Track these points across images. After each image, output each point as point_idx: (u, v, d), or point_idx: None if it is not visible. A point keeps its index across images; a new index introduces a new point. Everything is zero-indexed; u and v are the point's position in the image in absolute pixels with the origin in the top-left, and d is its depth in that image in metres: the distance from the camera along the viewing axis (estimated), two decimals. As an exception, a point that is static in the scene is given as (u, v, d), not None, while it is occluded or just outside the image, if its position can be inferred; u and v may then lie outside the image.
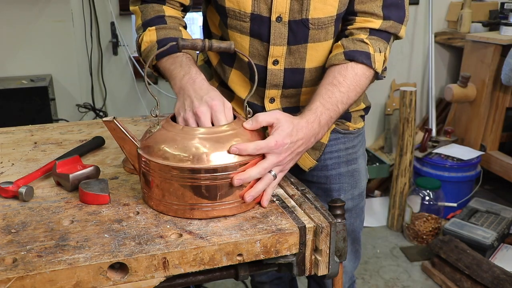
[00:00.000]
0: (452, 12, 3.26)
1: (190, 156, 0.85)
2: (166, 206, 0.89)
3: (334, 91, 1.03)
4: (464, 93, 2.86)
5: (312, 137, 0.98)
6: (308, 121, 0.97)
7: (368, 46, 1.07)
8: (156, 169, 0.87)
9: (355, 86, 1.06)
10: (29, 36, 2.58)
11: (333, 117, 1.03)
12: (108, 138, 1.28)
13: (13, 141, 1.29)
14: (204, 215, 0.88)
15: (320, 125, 0.99)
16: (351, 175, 1.29)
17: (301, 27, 1.09)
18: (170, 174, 0.86)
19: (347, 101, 1.05)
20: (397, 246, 2.63)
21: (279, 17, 1.07)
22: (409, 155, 2.70)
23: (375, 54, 1.07)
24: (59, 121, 2.59)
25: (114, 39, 2.82)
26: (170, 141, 0.87)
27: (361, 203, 1.34)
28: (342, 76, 1.05)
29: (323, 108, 1.00)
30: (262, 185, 0.91)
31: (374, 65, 1.07)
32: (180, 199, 0.87)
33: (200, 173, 0.85)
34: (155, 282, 0.79)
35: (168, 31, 1.08)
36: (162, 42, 1.05)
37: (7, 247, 0.78)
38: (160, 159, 0.86)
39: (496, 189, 3.14)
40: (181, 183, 0.86)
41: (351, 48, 1.07)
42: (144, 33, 1.09)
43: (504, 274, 2.06)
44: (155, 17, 1.10)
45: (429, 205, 2.58)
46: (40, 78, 2.52)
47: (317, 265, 0.88)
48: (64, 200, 0.95)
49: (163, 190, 0.88)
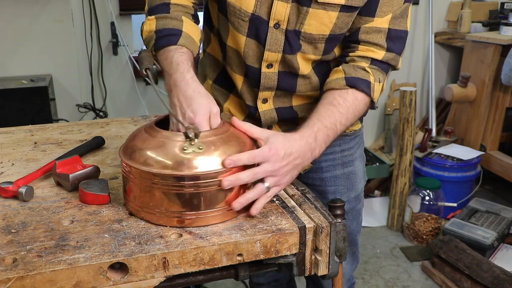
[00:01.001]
0: (452, 12, 3.26)
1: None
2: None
3: (333, 110, 1.03)
4: (464, 93, 2.86)
5: (308, 151, 0.96)
6: (303, 135, 0.96)
7: (369, 75, 1.07)
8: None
9: (354, 110, 1.06)
10: (29, 36, 2.58)
11: (330, 135, 1.01)
12: (108, 138, 1.28)
13: (13, 141, 1.29)
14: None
15: (316, 141, 0.98)
16: (347, 178, 1.28)
17: (293, 36, 1.09)
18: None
19: (345, 123, 1.04)
20: (397, 246, 2.63)
21: (277, 23, 1.07)
22: (409, 155, 2.69)
23: (375, 83, 1.07)
24: (59, 121, 2.59)
25: (114, 39, 2.82)
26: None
27: (358, 205, 1.33)
28: (343, 98, 1.05)
29: (321, 124, 0.99)
30: (252, 194, 0.88)
31: (372, 94, 1.07)
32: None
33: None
34: (155, 282, 0.79)
35: (168, 21, 1.04)
36: (160, 32, 1.03)
37: (7, 247, 0.78)
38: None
39: (496, 189, 3.14)
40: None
41: (353, 74, 1.06)
42: (145, 22, 1.07)
43: (504, 274, 2.06)
44: (160, 4, 1.07)
45: (429, 205, 2.58)
46: (40, 78, 2.52)
47: (317, 265, 0.88)
48: (64, 200, 0.95)
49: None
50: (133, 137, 0.92)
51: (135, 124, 1.43)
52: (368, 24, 1.07)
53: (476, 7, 3.13)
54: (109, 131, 1.37)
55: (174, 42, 1.00)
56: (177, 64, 0.97)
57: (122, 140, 1.28)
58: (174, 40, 1.01)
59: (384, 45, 1.08)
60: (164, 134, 0.88)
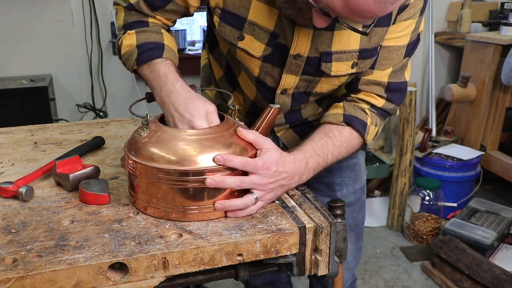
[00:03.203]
0: (452, 12, 3.26)
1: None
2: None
3: (327, 141, 1.04)
4: (464, 93, 2.86)
5: (297, 175, 0.96)
6: (296, 158, 0.96)
7: (367, 117, 1.08)
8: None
9: (347, 145, 1.07)
10: (29, 36, 2.58)
11: (321, 164, 1.01)
12: (108, 138, 1.28)
13: (13, 141, 1.29)
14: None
15: (306, 167, 0.98)
16: (352, 169, 1.30)
17: (302, 95, 1.13)
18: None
19: (337, 156, 1.05)
20: (397, 246, 2.63)
21: (284, 90, 1.10)
22: (409, 155, 2.69)
23: (371, 126, 1.09)
24: (59, 121, 2.59)
25: (114, 39, 2.82)
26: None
27: (363, 197, 1.35)
28: (339, 131, 1.06)
29: (313, 152, 1.00)
30: (239, 203, 0.88)
31: (366, 136, 1.08)
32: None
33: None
34: (155, 282, 0.79)
35: (148, 35, 1.04)
36: (142, 47, 1.03)
37: (7, 247, 0.78)
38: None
39: (496, 189, 3.14)
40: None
41: (352, 113, 1.07)
42: (124, 37, 1.06)
43: (504, 274, 2.05)
44: (137, 21, 1.07)
45: (429, 205, 2.58)
46: (40, 78, 2.53)
47: (317, 265, 0.88)
48: (64, 200, 0.95)
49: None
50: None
51: (135, 124, 1.43)
52: (367, 76, 1.08)
53: (476, 7, 3.13)
54: (109, 131, 1.37)
55: (158, 55, 1.01)
56: (166, 76, 0.98)
57: (122, 140, 1.28)
58: (158, 54, 1.01)
59: (384, 96, 1.10)
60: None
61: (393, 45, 1.05)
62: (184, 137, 0.87)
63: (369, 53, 1.03)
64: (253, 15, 1.00)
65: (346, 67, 1.04)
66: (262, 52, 1.04)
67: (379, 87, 1.09)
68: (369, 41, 1.02)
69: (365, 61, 1.04)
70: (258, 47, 1.04)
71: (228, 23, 1.03)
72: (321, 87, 1.10)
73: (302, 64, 1.04)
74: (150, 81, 1.01)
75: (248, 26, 1.02)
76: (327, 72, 1.04)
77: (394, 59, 1.07)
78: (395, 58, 1.07)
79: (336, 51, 1.02)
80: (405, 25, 1.03)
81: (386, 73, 1.08)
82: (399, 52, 1.06)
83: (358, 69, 1.05)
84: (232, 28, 1.03)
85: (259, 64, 1.07)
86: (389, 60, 1.07)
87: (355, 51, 1.02)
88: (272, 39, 1.02)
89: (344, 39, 1.01)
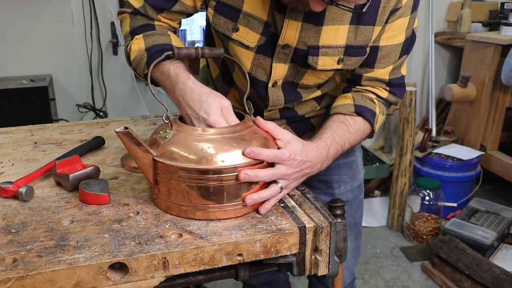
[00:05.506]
0: (452, 12, 3.26)
1: (197, 157, 0.85)
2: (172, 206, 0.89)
3: (344, 129, 1.07)
4: (464, 93, 2.86)
5: (319, 163, 0.98)
6: (319, 146, 0.98)
7: (376, 106, 1.12)
8: (163, 169, 0.87)
9: (361, 133, 1.10)
10: (29, 36, 2.58)
11: (339, 152, 1.04)
12: (108, 138, 1.28)
13: (13, 141, 1.29)
14: (206, 216, 0.88)
15: (328, 155, 1.00)
16: (350, 167, 1.31)
17: (291, 87, 1.14)
18: (177, 175, 0.86)
19: (352, 143, 1.08)
20: (397, 246, 2.63)
21: (275, 82, 1.12)
22: (409, 155, 2.69)
23: (379, 115, 1.12)
24: (59, 121, 2.59)
25: (114, 39, 2.82)
26: (185, 144, 0.87)
27: (361, 195, 1.36)
28: (353, 120, 1.09)
29: (333, 140, 1.02)
30: (267, 194, 0.90)
31: (375, 124, 1.12)
32: (186, 200, 0.87)
33: (208, 173, 0.85)
34: (155, 282, 0.79)
35: (156, 38, 1.05)
36: (151, 49, 1.04)
37: (7, 247, 0.79)
38: (179, 162, 0.86)
39: (496, 189, 3.14)
40: (188, 183, 0.86)
41: (361, 103, 1.10)
42: (132, 42, 1.07)
43: (504, 274, 2.06)
44: (144, 25, 1.07)
45: (429, 205, 2.58)
46: (40, 78, 2.53)
47: (317, 265, 0.88)
48: (64, 200, 0.95)
49: (171, 190, 0.88)
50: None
51: (135, 124, 1.43)
52: (369, 74, 1.12)
53: (476, 7, 3.13)
54: (109, 131, 1.37)
55: (167, 56, 1.01)
56: (176, 75, 0.99)
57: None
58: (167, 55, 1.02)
59: (387, 89, 1.15)
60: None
61: (390, 44, 1.09)
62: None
63: (355, 51, 1.06)
64: (248, 6, 1.03)
65: (332, 62, 1.07)
66: (257, 42, 1.06)
67: (380, 83, 1.14)
68: (355, 38, 1.05)
69: (351, 58, 1.07)
70: (252, 37, 1.05)
71: (222, 14, 1.05)
72: (308, 79, 1.12)
73: (290, 53, 1.07)
74: (163, 82, 1.02)
75: (243, 17, 1.04)
76: (314, 66, 1.07)
77: (393, 57, 1.11)
78: (394, 56, 1.11)
79: (323, 45, 1.05)
80: (399, 24, 1.07)
81: (387, 71, 1.12)
82: (397, 49, 1.10)
83: (344, 66, 1.08)
84: (227, 20, 1.05)
85: (251, 57, 1.08)
86: (388, 58, 1.10)
87: (342, 46, 1.05)
88: (266, 29, 1.05)
89: (332, 34, 1.04)
